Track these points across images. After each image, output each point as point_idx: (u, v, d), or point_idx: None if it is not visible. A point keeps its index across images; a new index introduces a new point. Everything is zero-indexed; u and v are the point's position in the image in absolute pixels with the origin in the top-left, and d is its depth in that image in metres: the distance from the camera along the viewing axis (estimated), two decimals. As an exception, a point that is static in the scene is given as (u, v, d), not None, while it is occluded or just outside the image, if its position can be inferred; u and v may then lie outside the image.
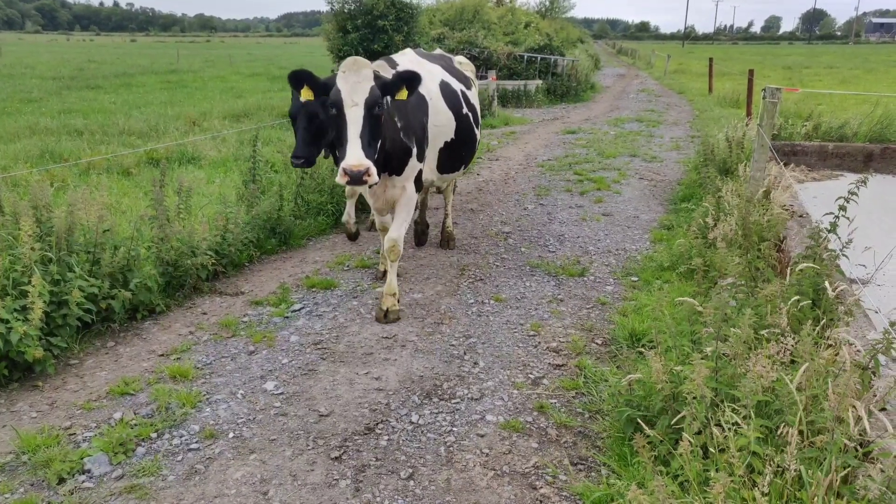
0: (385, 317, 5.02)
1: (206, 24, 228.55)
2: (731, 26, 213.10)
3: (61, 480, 3.20)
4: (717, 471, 2.50)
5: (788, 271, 3.90)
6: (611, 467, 3.28)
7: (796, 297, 3.51)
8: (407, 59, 5.46)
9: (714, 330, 3.17)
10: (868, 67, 34.67)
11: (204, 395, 4.01)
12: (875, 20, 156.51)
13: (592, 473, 3.33)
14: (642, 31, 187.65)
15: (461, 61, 6.48)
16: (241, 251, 6.16)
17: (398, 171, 4.90)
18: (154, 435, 3.59)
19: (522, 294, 5.62)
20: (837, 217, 4.05)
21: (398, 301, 5.15)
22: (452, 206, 7.13)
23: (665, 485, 2.40)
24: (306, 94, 4.38)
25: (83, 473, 3.26)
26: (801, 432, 2.60)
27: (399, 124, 4.74)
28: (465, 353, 4.57)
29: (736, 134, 8.67)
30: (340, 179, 4.06)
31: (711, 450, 2.72)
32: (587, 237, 7.17)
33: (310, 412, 3.85)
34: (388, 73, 4.67)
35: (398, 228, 5.03)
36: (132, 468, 3.31)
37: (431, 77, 5.38)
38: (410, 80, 4.38)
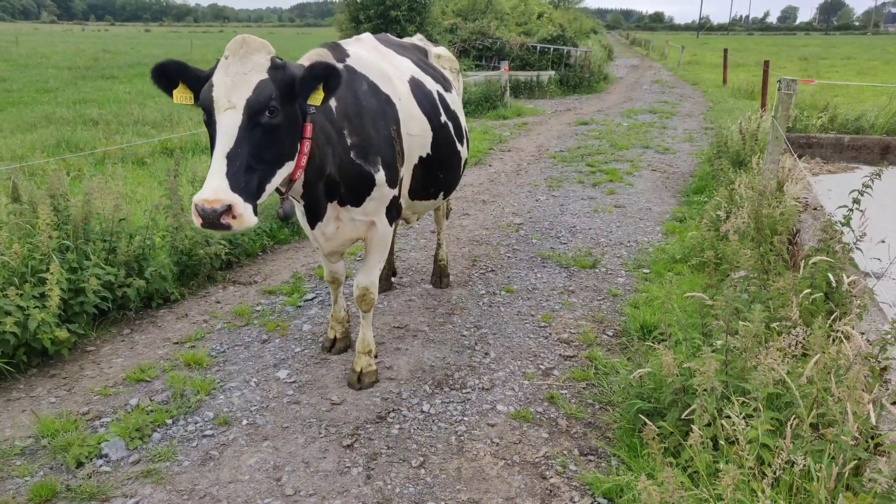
0: (358, 381, 4.02)
1: (219, 14, 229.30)
2: (747, 17, 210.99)
3: (79, 464, 3.26)
4: (726, 463, 2.52)
5: (801, 264, 3.89)
6: (621, 458, 3.30)
7: (808, 290, 3.51)
8: (363, 47, 3.98)
9: (724, 323, 3.18)
10: (886, 58, 34.21)
11: (218, 382, 4.06)
12: (894, 10, 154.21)
13: (602, 464, 3.35)
14: (656, 22, 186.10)
15: (440, 54, 5.02)
16: (254, 241, 6.21)
17: (355, 201, 3.62)
18: (169, 421, 3.65)
19: (534, 285, 5.63)
20: (851, 210, 4.03)
21: (375, 357, 4.19)
22: (446, 234, 5.77)
23: (675, 476, 2.42)
24: (182, 96, 3.01)
25: (101, 458, 3.32)
26: (811, 425, 2.61)
27: (350, 140, 3.44)
28: (476, 344, 4.60)
29: (750, 126, 8.61)
30: (194, 219, 2.70)
31: (721, 442, 2.74)
32: (599, 229, 7.17)
33: (322, 400, 3.89)
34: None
35: (370, 272, 3.94)
36: (148, 453, 3.37)
37: (399, 74, 4.03)
38: (328, 76, 2.95)
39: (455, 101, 4.64)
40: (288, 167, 3.01)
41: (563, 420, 3.72)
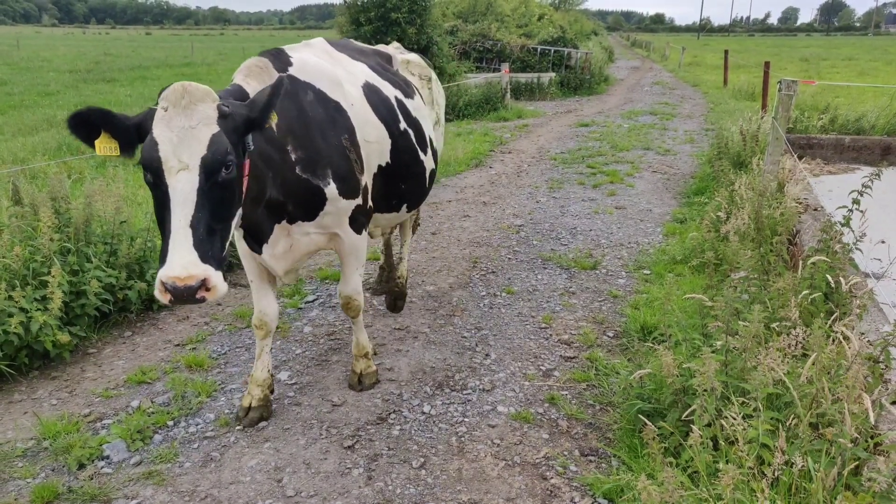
0: (359, 382, 4.03)
1: (220, 17, 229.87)
2: (748, 18, 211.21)
3: (81, 466, 3.27)
4: (726, 463, 2.52)
5: (801, 265, 3.89)
6: (621, 459, 3.31)
7: (808, 291, 3.51)
8: (311, 52, 3.67)
9: (724, 324, 3.18)
10: (888, 59, 34.19)
11: (219, 384, 4.07)
12: (895, 11, 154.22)
13: (603, 465, 3.35)
14: (657, 24, 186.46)
15: (409, 60, 4.76)
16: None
17: (307, 217, 3.38)
18: (171, 423, 3.66)
19: (534, 286, 5.63)
20: (851, 210, 4.03)
21: (375, 355, 4.20)
22: (410, 250, 5.41)
23: (675, 476, 2.42)
24: (106, 146, 2.61)
25: (102, 459, 3.33)
26: (811, 424, 2.61)
27: (294, 156, 3.17)
28: (476, 345, 4.60)
29: (750, 127, 8.62)
30: (160, 296, 2.43)
31: (721, 442, 2.74)
32: (599, 230, 7.17)
33: (323, 402, 3.90)
34: (268, 80, 3.04)
35: (348, 281, 3.82)
36: (150, 455, 3.38)
37: (352, 78, 3.76)
38: (271, 97, 2.67)
39: (418, 107, 4.33)
40: (239, 214, 2.78)
41: (563, 421, 3.73)
